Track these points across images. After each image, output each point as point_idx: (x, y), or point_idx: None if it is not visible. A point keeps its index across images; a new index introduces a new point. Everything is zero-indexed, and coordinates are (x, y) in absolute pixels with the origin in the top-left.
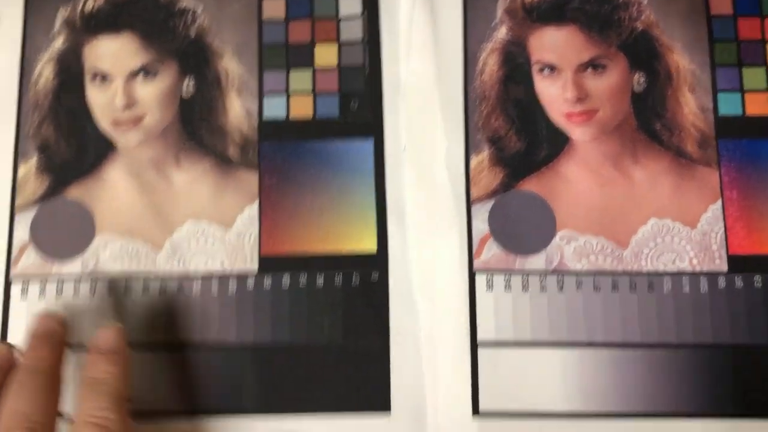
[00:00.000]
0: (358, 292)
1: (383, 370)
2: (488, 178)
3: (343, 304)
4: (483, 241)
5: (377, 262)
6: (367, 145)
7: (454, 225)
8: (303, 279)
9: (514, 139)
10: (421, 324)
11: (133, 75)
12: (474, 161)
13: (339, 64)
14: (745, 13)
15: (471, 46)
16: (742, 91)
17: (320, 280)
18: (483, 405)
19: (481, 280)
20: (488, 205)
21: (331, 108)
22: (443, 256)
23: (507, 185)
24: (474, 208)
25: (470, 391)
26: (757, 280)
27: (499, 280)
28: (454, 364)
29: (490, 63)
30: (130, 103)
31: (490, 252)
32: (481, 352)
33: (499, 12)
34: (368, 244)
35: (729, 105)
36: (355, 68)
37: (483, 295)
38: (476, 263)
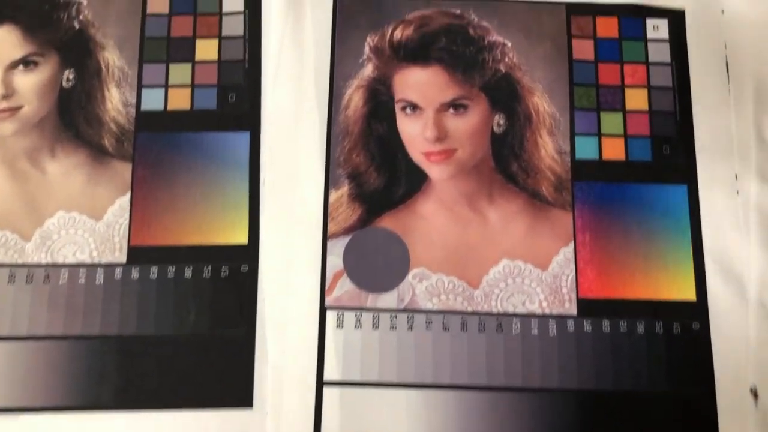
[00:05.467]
0: (227, 283)
1: (248, 362)
2: (346, 213)
3: (211, 295)
4: (336, 277)
5: (248, 253)
6: (244, 138)
7: (308, 260)
8: (171, 270)
9: (374, 176)
10: (269, 359)
11: (13, 66)
12: (333, 196)
13: (219, 59)
14: (606, 59)
15: (337, 81)
16: (599, 135)
17: (189, 272)
18: None
19: (331, 317)
20: (344, 240)
21: (208, 100)
22: (296, 291)
23: (364, 221)
24: (330, 243)
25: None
26: (606, 324)
27: (349, 317)
28: (298, 405)
29: (355, 99)
30: (8, 93)
31: (343, 288)
32: (327, 393)
33: (367, 49)
34: (239, 237)
35: (586, 149)
36: (235, 62)
37: (333, 332)
38: (328, 300)
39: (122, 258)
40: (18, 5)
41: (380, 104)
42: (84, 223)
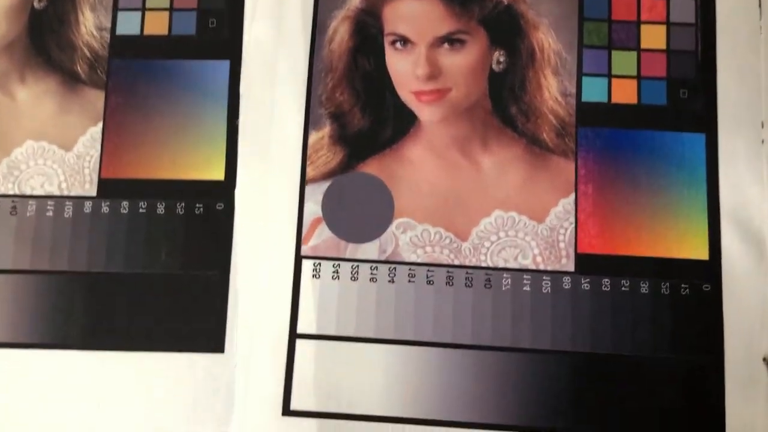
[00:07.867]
0: (202, 222)
1: (221, 306)
2: (327, 156)
3: (185, 234)
4: (314, 225)
5: (224, 191)
6: (223, 67)
7: (285, 205)
8: (143, 205)
9: (358, 116)
10: (241, 305)
11: None
12: (313, 137)
13: None
14: None
15: (321, 12)
16: (609, 75)
17: (161, 208)
18: (295, 404)
19: (307, 267)
20: (324, 186)
21: (187, 25)
22: (271, 237)
23: (346, 166)
24: (308, 189)
25: (283, 388)
26: (606, 283)
27: (327, 267)
28: (269, 355)
29: (340, 32)
30: None
31: (321, 237)
32: (300, 345)
33: None
34: (216, 172)
35: (593, 90)
36: None
37: (308, 282)
38: (304, 248)
39: (92, 191)
40: None
41: (368, 38)
42: (53, 153)
